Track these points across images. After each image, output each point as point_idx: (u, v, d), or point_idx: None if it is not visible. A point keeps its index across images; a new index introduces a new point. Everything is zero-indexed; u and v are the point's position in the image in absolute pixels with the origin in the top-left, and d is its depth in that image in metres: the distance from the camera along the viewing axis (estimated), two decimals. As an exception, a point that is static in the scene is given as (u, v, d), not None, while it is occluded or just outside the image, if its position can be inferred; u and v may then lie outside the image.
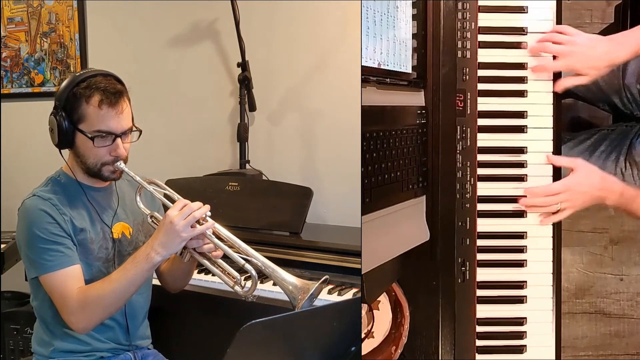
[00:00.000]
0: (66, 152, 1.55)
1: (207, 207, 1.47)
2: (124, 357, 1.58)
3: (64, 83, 1.49)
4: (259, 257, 1.45)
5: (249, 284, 1.46)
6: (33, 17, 2.96)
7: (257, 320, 1.04)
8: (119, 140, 1.48)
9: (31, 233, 1.46)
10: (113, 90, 1.47)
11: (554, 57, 1.38)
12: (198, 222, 1.45)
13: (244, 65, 2.35)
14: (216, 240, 1.47)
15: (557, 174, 1.41)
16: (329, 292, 1.79)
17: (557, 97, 1.41)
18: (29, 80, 3.00)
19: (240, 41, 2.32)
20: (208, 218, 1.46)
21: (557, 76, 1.40)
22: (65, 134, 1.48)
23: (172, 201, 1.51)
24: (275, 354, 1.18)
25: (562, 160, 1.39)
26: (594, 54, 1.34)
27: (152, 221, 1.55)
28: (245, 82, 2.37)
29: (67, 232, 1.47)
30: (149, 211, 1.56)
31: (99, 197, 1.58)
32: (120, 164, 1.50)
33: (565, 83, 1.39)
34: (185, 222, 1.42)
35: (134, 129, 1.53)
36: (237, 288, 1.47)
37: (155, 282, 1.68)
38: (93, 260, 1.52)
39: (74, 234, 1.49)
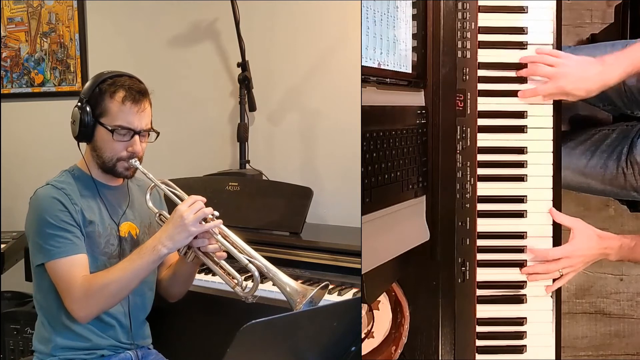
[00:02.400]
0: (82, 147, 1.58)
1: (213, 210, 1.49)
2: (124, 355, 1.59)
3: (91, 79, 1.55)
4: (261, 260, 1.47)
5: (249, 285, 1.47)
6: (33, 17, 2.96)
7: (257, 320, 1.04)
8: (137, 137, 1.53)
9: (41, 219, 1.48)
10: (137, 89, 1.53)
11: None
12: (205, 220, 1.47)
13: (244, 65, 2.35)
14: (221, 239, 1.49)
15: (557, 175, 1.41)
16: (329, 292, 1.79)
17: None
18: (29, 80, 3.00)
19: (240, 41, 2.32)
20: (215, 218, 1.49)
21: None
22: (85, 127, 1.52)
23: (182, 200, 1.53)
24: (275, 354, 1.18)
25: (563, 219, 1.39)
26: (585, 76, 1.34)
27: (160, 219, 1.57)
28: (245, 82, 2.37)
29: (77, 221, 1.50)
30: (157, 210, 1.58)
31: (110, 195, 1.60)
32: (135, 162, 1.54)
33: (553, 96, 1.38)
34: (195, 216, 1.45)
35: (152, 130, 1.57)
36: (238, 289, 1.48)
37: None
38: (99, 254, 1.54)
39: (83, 225, 1.51)
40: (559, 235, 1.41)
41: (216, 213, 1.49)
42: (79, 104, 1.53)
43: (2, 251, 2.28)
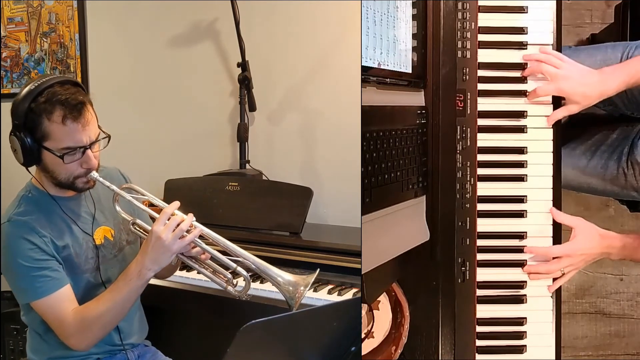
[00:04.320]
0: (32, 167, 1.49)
1: (191, 215, 1.43)
2: (121, 356, 1.58)
3: (20, 97, 1.39)
4: (249, 257, 1.44)
5: (242, 282, 1.45)
6: (33, 17, 2.96)
7: (257, 320, 1.04)
8: (89, 151, 1.43)
9: (15, 263, 1.42)
10: (74, 102, 1.38)
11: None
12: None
13: (244, 65, 2.35)
14: (205, 246, 1.45)
15: (557, 175, 1.41)
16: (329, 292, 1.79)
17: (558, 97, 1.41)
18: (29, 80, 3.00)
19: (240, 41, 2.32)
20: (194, 223, 1.43)
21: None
22: (30, 153, 1.41)
23: (153, 206, 1.49)
24: (275, 354, 1.18)
25: (563, 219, 1.39)
26: (585, 82, 1.35)
27: (136, 229, 1.52)
28: (245, 82, 2.36)
29: (50, 253, 1.44)
30: (131, 217, 1.52)
31: (73, 206, 1.53)
32: (94, 174, 1.45)
33: (555, 116, 1.39)
34: (174, 235, 1.39)
35: (102, 135, 1.47)
36: (230, 288, 1.46)
37: (153, 281, 1.67)
38: (80, 273, 1.50)
39: (58, 253, 1.46)
40: (559, 235, 1.41)
41: (193, 219, 1.42)
42: (14, 129, 1.40)
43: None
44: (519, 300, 1.40)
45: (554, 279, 1.40)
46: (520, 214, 1.40)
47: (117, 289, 1.43)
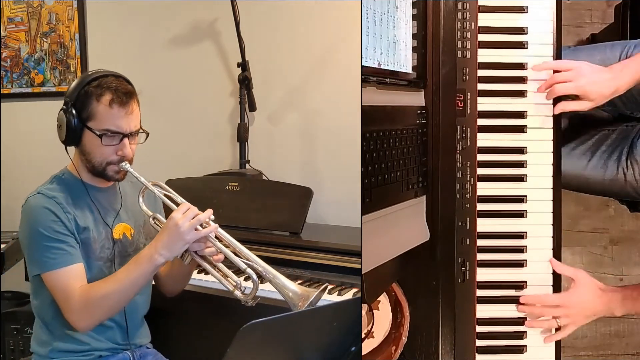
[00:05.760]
0: (71, 150, 1.55)
1: (210, 211, 1.47)
2: (122, 356, 1.59)
3: (76, 81, 1.51)
4: (260, 263, 1.45)
5: (249, 286, 1.45)
6: (33, 17, 2.96)
7: (257, 320, 1.04)
8: (126, 140, 1.50)
9: (34, 231, 1.46)
10: (124, 90, 1.49)
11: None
12: (201, 225, 1.46)
13: (244, 65, 2.36)
14: (218, 244, 1.47)
15: (557, 175, 1.41)
16: (329, 292, 1.79)
17: (558, 97, 1.41)
18: (29, 80, 3.00)
19: (240, 41, 2.33)
20: (211, 222, 1.47)
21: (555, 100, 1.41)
22: (73, 131, 1.49)
23: (175, 203, 1.52)
24: (275, 354, 1.18)
25: (564, 270, 1.39)
26: (599, 80, 1.35)
27: (155, 223, 1.56)
28: (245, 82, 2.37)
29: (71, 230, 1.48)
30: (151, 212, 1.56)
31: (102, 198, 1.58)
32: (125, 165, 1.51)
33: (564, 107, 1.38)
34: (190, 224, 1.43)
35: (141, 131, 1.54)
36: (237, 292, 1.47)
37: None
38: (94, 260, 1.53)
39: (77, 233, 1.50)
40: (559, 236, 1.41)
41: (212, 217, 1.47)
42: (65, 107, 1.49)
43: (2, 251, 2.28)
44: (519, 300, 1.40)
45: (555, 331, 1.39)
46: (520, 214, 1.40)
47: (126, 271, 1.46)
